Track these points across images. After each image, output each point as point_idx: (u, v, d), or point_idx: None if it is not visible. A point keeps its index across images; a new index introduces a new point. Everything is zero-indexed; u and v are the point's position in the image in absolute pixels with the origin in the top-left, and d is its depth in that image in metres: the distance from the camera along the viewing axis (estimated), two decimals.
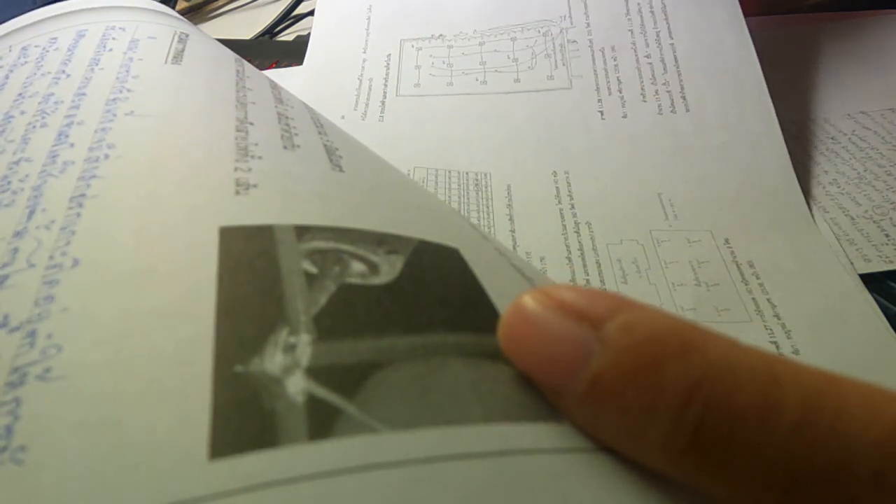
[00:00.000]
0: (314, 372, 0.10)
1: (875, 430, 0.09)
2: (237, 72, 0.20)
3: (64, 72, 0.18)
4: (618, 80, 0.37)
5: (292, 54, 0.45)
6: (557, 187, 0.33)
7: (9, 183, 0.14)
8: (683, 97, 0.36)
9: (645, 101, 0.36)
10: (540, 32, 0.39)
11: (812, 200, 0.32)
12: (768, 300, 0.27)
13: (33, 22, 0.21)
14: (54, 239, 0.12)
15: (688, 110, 0.36)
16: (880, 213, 0.31)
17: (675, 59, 0.37)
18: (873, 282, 0.28)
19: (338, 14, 0.43)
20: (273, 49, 0.49)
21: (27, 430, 0.09)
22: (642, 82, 0.37)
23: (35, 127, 0.16)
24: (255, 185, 0.14)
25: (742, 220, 0.31)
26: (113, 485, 0.09)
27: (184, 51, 0.20)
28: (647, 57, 0.38)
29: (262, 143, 0.16)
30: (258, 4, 0.59)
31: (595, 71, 0.38)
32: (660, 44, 0.38)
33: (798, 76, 0.40)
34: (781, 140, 0.34)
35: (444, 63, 0.39)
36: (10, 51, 0.20)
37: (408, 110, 0.38)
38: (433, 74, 0.39)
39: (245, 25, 0.55)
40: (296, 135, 0.17)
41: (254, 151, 0.15)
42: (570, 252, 0.30)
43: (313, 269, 0.12)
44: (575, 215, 0.32)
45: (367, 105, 0.38)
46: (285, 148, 0.16)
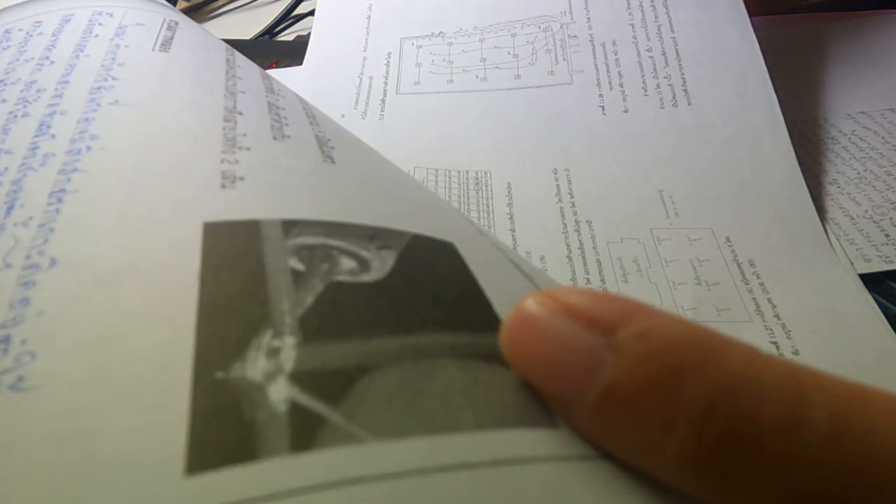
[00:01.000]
0: (298, 378, 0.10)
1: None
2: (227, 60, 0.19)
3: (48, 58, 0.17)
4: (619, 74, 0.37)
5: (292, 54, 0.45)
6: (558, 185, 0.33)
7: None
8: (685, 90, 0.36)
9: (647, 94, 0.36)
10: (540, 28, 0.39)
11: (812, 200, 0.32)
12: (768, 300, 0.27)
13: (18, 3, 0.20)
14: (32, 237, 0.12)
15: (690, 104, 0.35)
16: (880, 213, 0.31)
17: (677, 52, 0.37)
18: (873, 282, 0.28)
19: (338, 13, 0.43)
20: (273, 49, 0.49)
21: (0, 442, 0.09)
22: (644, 76, 0.37)
23: (16, 116, 0.15)
24: (241, 178, 0.14)
25: (743, 219, 0.31)
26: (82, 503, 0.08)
27: (172, 38, 0.19)
28: (649, 51, 0.38)
29: (251, 134, 0.15)
30: (258, 4, 0.59)
31: (596, 66, 0.37)
32: (661, 37, 0.38)
33: (798, 76, 0.40)
34: (786, 135, 0.33)
35: (444, 60, 0.39)
36: None
37: (408, 108, 0.37)
38: (433, 72, 0.39)
39: (245, 25, 0.55)
40: (286, 125, 0.17)
41: (242, 142, 0.15)
42: (571, 251, 0.30)
43: (300, 266, 0.12)
44: (575, 213, 0.32)
45: (368, 103, 0.38)
46: (275, 139, 0.16)
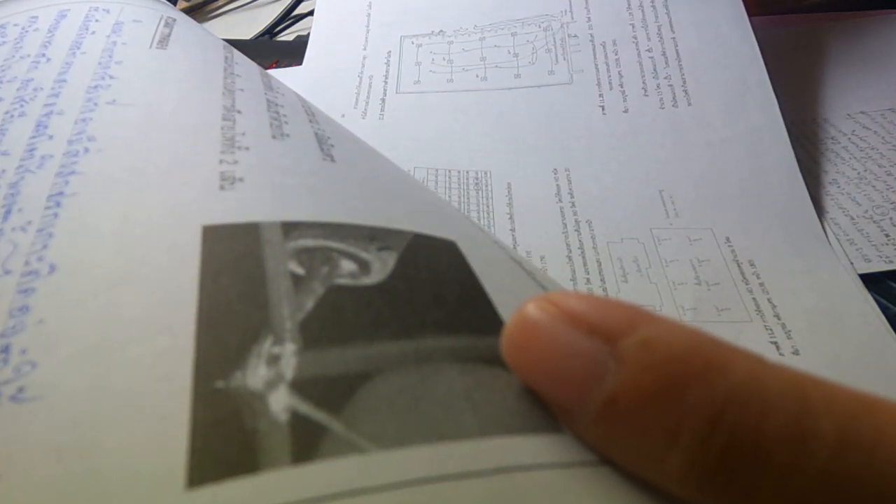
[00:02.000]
0: (299, 385, 0.10)
1: None
2: (225, 58, 0.19)
3: (44, 55, 0.17)
4: (619, 74, 0.37)
5: (292, 54, 0.45)
6: (558, 185, 0.33)
7: None
8: (685, 91, 0.36)
9: (647, 95, 0.36)
10: (540, 27, 0.39)
11: (812, 200, 0.32)
12: (768, 300, 0.27)
13: None
14: (31, 242, 0.12)
15: (690, 104, 0.35)
16: (880, 213, 0.31)
17: (677, 52, 0.37)
18: (873, 282, 0.28)
19: (338, 12, 0.43)
20: (273, 49, 0.48)
21: (0, 455, 0.09)
22: (644, 76, 0.37)
23: (13, 116, 0.15)
24: (240, 179, 0.14)
25: (743, 219, 0.31)
26: None
27: (170, 35, 0.19)
28: (649, 51, 0.38)
29: (250, 133, 0.15)
30: (258, 4, 0.59)
31: (596, 65, 0.37)
32: (661, 37, 0.38)
33: (798, 76, 0.40)
34: (786, 136, 0.34)
35: (444, 59, 0.39)
36: None
37: (408, 108, 0.37)
38: (433, 71, 0.39)
39: (245, 25, 0.55)
40: (286, 123, 0.16)
41: (241, 142, 0.15)
42: (571, 251, 0.30)
43: (300, 270, 0.12)
44: (575, 213, 0.32)
45: (368, 103, 0.38)
46: (274, 137, 0.16)
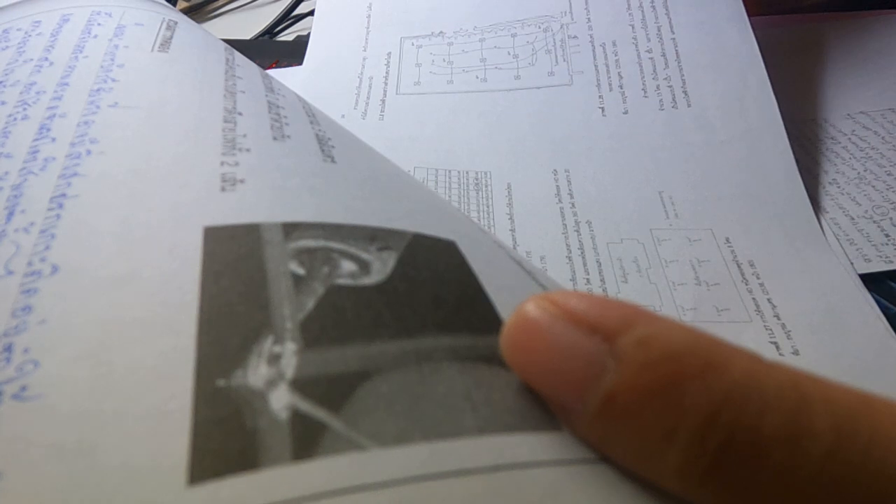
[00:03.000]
0: (299, 384, 0.10)
1: None
2: (227, 60, 0.19)
3: (47, 59, 0.17)
4: (619, 75, 0.37)
5: (292, 54, 0.45)
6: (558, 186, 0.33)
7: None
8: (685, 92, 0.36)
9: (646, 96, 0.36)
10: (540, 28, 0.39)
11: (812, 200, 0.32)
12: (768, 300, 0.27)
13: (16, 2, 0.20)
14: (33, 243, 0.12)
15: (689, 106, 0.35)
16: (880, 213, 0.31)
17: (677, 53, 0.37)
18: (873, 282, 0.28)
19: (338, 13, 0.43)
20: (273, 49, 0.49)
21: (3, 453, 0.09)
22: (643, 77, 0.37)
23: (16, 119, 0.15)
24: (241, 181, 0.14)
25: (743, 219, 0.31)
26: None
27: (172, 38, 0.19)
28: (649, 52, 0.38)
29: (251, 135, 0.15)
30: (258, 4, 0.59)
31: (596, 66, 0.37)
32: (661, 38, 0.38)
33: (798, 76, 0.40)
34: (785, 137, 0.34)
35: (444, 60, 0.39)
36: None
37: (408, 109, 0.37)
38: (433, 72, 0.39)
39: (245, 25, 0.55)
40: (287, 124, 0.17)
41: (242, 143, 0.15)
42: (571, 251, 0.30)
43: (301, 270, 0.12)
44: (575, 214, 0.32)
45: (368, 104, 0.38)
46: (275, 139, 0.16)
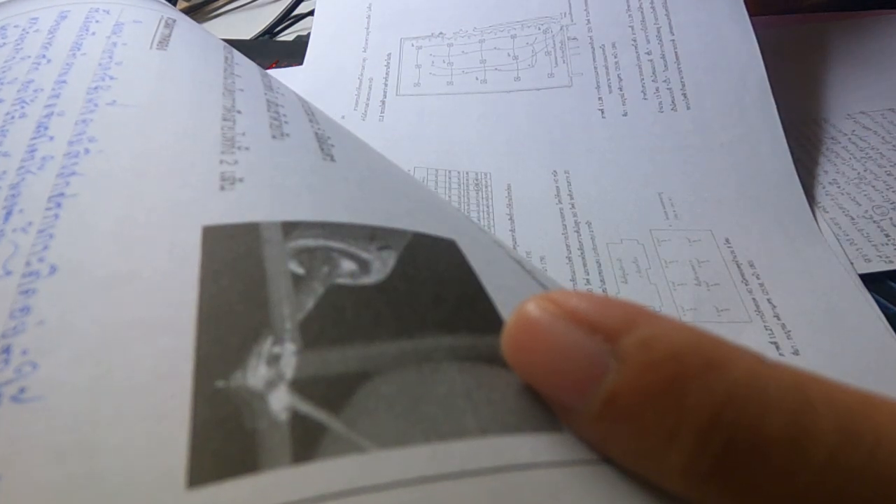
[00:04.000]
0: (299, 385, 0.10)
1: None
2: (225, 58, 0.19)
3: (44, 56, 0.17)
4: (618, 77, 0.37)
5: (292, 54, 0.45)
6: (557, 186, 0.33)
7: None
8: (684, 94, 0.36)
9: (646, 98, 0.36)
10: (540, 29, 0.39)
11: (812, 200, 0.32)
12: (768, 300, 0.27)
13: None
14: (31, 243, 0.12)
15: (689, 108, 0.35)
16: (880, 213, 0.31)
17: (676, 55, 0.37)
18: (873, 282, 0.28)
19: (338, 13, 0.43)
20: (273, 49, 0.49)
21: (1, 455, 0.09)
22: (643, 79, 0.37)
23: (14, 117, 0.15)
24: (240, 180, 0.14)
25: (743, 220, 0.31)
26: None
27: (170, 36, 0.19)
28: (648, 54, 0.38)
29: (250, 133, 0.15)
30: (258, 4, 0.59)
31: (595, 68, 0.37)
32: (660, 40, 0.38)
33: (798, 76, 0.40)
34: (783, 138, 0.34)
35: (444, 62, 0.39)
36: None
37: (408, 110, 0.37)
38: (433, 73, 0.39)
39: (245, 25, 0.55)
40: (286, 123, 0.16)
41: (241, 142, 0.15)
42: (571, 252, 0.30)
43: (300, 269, 0.12)
44: (575, 215, 0.32)
45: (368, 105, 0.38)
46: (274, 137, 0.16)
